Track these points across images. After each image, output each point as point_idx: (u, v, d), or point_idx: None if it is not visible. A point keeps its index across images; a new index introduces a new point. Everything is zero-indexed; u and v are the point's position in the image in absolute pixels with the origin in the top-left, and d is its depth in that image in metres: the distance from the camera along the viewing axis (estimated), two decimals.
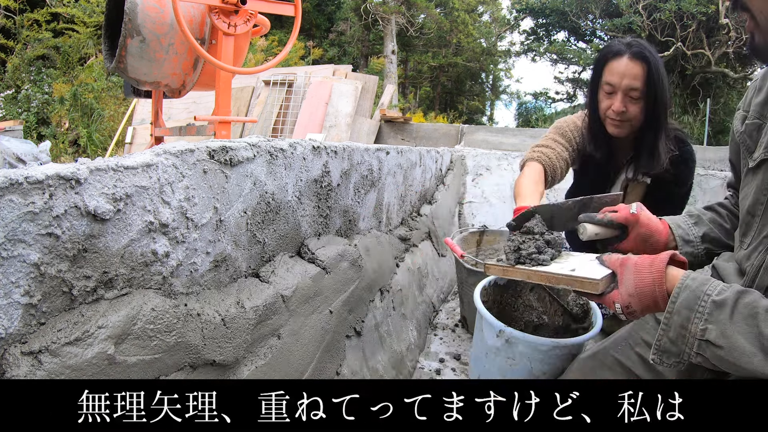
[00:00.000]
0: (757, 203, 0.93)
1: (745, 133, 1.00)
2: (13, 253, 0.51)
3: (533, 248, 1.12)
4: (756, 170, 0.95)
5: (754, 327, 0.75)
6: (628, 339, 1.16)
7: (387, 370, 1.44)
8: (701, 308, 0.80)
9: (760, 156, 0.93)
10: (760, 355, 0.73)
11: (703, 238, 1.17)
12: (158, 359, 0.67)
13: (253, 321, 0.85)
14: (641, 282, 0.89)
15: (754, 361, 0.73)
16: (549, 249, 1.13)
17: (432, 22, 18.44)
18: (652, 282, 0.88)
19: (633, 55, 1.50)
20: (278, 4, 2.74)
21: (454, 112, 18.93)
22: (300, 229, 1.08)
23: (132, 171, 0.63)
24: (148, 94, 3.28)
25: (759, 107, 0.98)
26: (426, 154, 2.35)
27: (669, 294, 0.86)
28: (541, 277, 1.08)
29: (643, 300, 0.89)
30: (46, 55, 10.53)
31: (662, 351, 0.84)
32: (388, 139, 7.44)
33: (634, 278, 0.90)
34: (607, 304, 0.94)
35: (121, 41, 2.38)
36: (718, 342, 0.77)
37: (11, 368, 0.52)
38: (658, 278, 0.88)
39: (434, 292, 2.26)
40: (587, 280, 0.97)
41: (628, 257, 0.94)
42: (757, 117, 0.97)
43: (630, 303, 0.90)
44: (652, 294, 0.88)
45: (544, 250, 1.12)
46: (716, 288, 0.81)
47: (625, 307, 0.91)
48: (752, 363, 0.73)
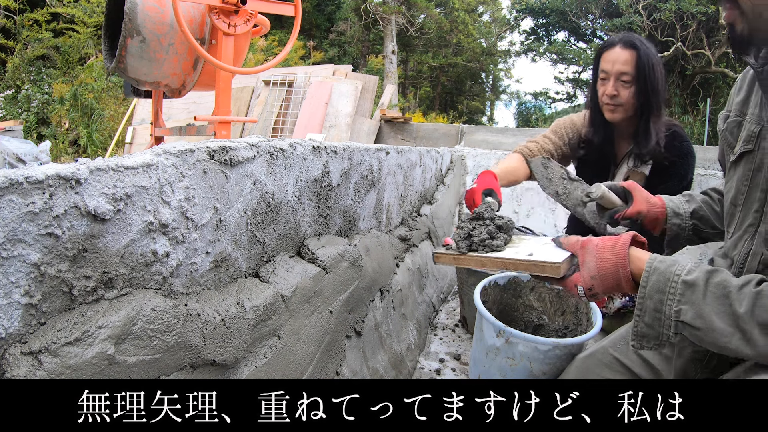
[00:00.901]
0: (738, 194, 0.96)
1: (727, 130, 1.03)
2: (13, 253, 0.51)
3: (485, 234, 1.10)
4: (737, 163, 0.98)
5: (728, 306, 0.76)
6: (626, 338, 1.16)
7: (387, 370, 1.44)
8: (673, 289, 0.81)
9: (740, 149, 0.96)
10: (738, 334, 0.74)
11: (692, 214, 1.21)
12: (158, 359, 0.67)
13: (253, 321, 0.85)
14: (604, 264, 0.90)
15: (733, 341, 0.75)
16: (501, 234, 1.10)
17: (432, 22, 18.43)
18: (615, 263, 0.89)
19: (624, 44, 1.64)
20: (278, 4, 2.74)
21: (454, 112, 18.93)
22: (300, 229, 1.08)
23: (132, 171, 0.63)
24: (148, 94, 3.28)
25: (739, 106, 1.01)
26: (426, 154, 2.35)
27: (632, 275, 0.87)
28: (496, 263, 1.05)
29: (605, 282, 0.89)
30: (46, 55, 10.53)
31: (641, 336, 0.85)
32: (388, 139, 7.45)
33: (596, 260, 0.90)
34: (569, 287, 0.95)
35: (121, 41, 2.38)
36: (694, 323, 0.78)
37: (11, 368, 0.52)
38: (621, 259, 0.88)
39: (434, 292, 2.26)
40: (548, 264, 0.95)
41: (588, 239, 0.94)
42: (738, 115, 1.01)
43: (593, 285, 0.90)
44: (615, 275, 0.88)
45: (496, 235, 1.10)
46: (685, 268, 0.82)
47: (588, 290, 0.91)
48: (731, 343, 0.75)
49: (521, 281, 1.67)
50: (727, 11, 0.87)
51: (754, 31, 0.84)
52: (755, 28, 0.84)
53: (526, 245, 1.10)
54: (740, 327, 0.74)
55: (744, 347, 0.74)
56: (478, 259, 1.07)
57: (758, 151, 0.93)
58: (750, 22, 0.84)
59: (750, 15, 0.83)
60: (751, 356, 0.75)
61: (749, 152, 0.95)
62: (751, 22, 0.84)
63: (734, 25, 0.87)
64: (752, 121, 0.96)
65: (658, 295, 0.82)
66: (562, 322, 1.60)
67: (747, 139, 0.95)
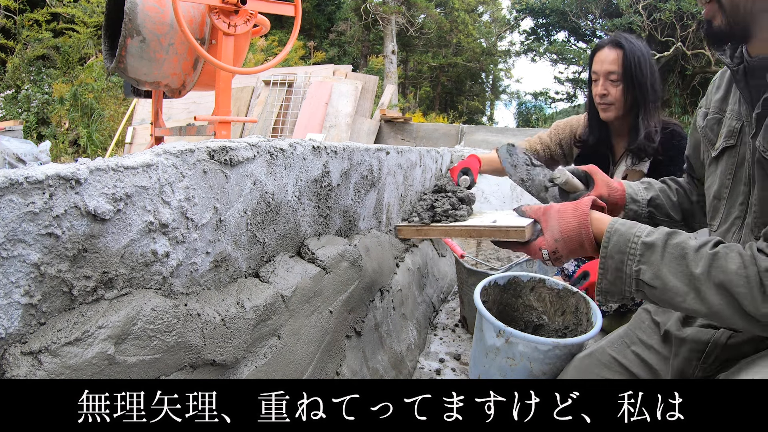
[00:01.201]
0: (722, 188, 0.98)
1: (707, 127, 1.06)
2: (13, 253, 0.51)
3: (448, 205, 1.14)
4: (718, 159, 1.00)
5: (685, 267, 0.79)
6: (624, 338, 1.18)
7: (387, 370, 1.44)
8: (632, 250, 0.84)
9: (721, 145, 0.99)
10: (693, 294, 0.78)
11: (649, 201, 1.25)
12: (158, 359, 0.67)
13: (253, 321, 0.85)
14: (567, 226, 0.93)
15: (688, 300, 0.78)
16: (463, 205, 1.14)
17: (432, 22, 18.43)
18: (578, 225, 0.92)
19: (611, 44, 1.70)
20: (278, 4, 2.74)
21: (454, 112, 18.92)
22: (300, 229, 1.08)
23: (132, 171, 0.63)
24: (148, 94, 3.28)
25: (718, 103, 1.04)
26: (426, 154, 2.35)
27: (595, 237, 0.90)
28: (461, 232, 1.07)
29: (569, 244, 0.92)
30: (46, 55, 10.53)
31: (604, 292, 0.88)
32: (388, 139, 7.45)
33: (559, 223, 0.93)
34: (533, 252, 0.97)
35: (121, 41, 2.38)
36: (652, 283, 0.81)
37: (11, 368, 0.52)
38: (584, 221, 0.91)
39: (434, 292, 2.26)
40: (512, 228, 0.98)
41: (549, 205, 0.98)
42: (717, 112, 1.04)
43: (557, 248, 0.93)
44: (578, 237, 0.91)
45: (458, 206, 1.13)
46: (645, 230, 0.85)
47: (552, 253, 0.94)
48: (686, 302, 0.78)
49: (521, 281, 1.67)
50: (706, 7, 0.89)
51: (732, 27, 0.87)
52: (733, 23, 0.86)
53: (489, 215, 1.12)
54: (695, 287, 0.77)
55: (698, 306, 0.78)
56: (441, 228, 1.09)
57: (740, 146, 0.95)
58: (728, 17, 0.86)
59: (728, 9, 0.85)
60: (704, 314, 0.78)
61: (731, 147, 0.97)
62: (730, 16, 0.86)
63: (712, 21, 0.89)
64: (733, 117, 0.98)
65: (619, 255, 0.85)
66: (562, 322, 1.60)
67: (728, 135, 0.98)
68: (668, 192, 1.27)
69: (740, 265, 0.75)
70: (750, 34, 0.87)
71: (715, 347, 0.96)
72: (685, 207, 1.26)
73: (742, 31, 0.86)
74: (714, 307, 0.76)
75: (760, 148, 0.86)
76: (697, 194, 1.25)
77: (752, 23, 0.85)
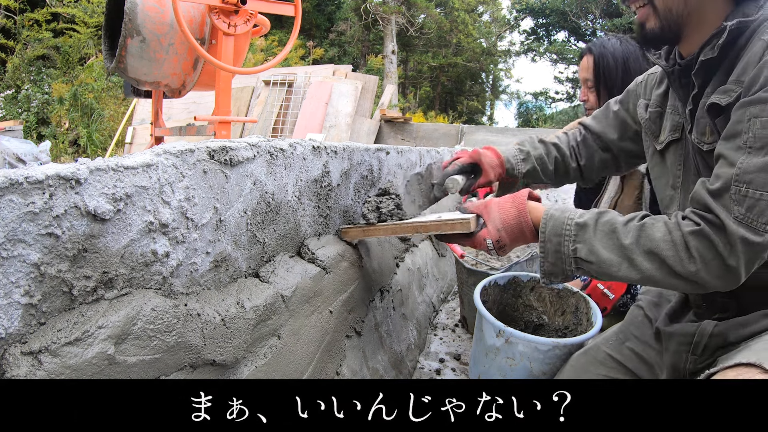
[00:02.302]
0: (675, 179, 1.04)
1: (650, 119, 1.11)
2: (13, 253, 0.51)
3: (392, 206, 1.19)
4: (665, 151, 1.06)
5: (615, 240, 0.86)
6: (618, 334, 1.20)
7: (387, 370, 1.44)
8: (567, 231, 0.91)
9: (667, 138, 1.05)
10: (626, 263, 0.85)
11: (525, 174, 1.35)
12: (158, 359, 0.67)
13: (253, 321, 0.85)
14: (507, 216, 1.00)
15: (622, 269, 0.86)
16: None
17: (432, 22, 18.44)
18: (518, 214, 1.00)
19: (587, 52, 1.77)
20: (278, 4, 2.74)
21: (454, 113, 18.93)
22: (300, 229, 1.08)
23: (132, 171, 0.63)
24: (148, 94, 3.28)
25: (659, 98, 1.10)
26: (426, 154, 2.35)
27: (534, 224, 0.98)
28: (407, 229, 1.10)
29: (510, 232, 1.00)
30: (46, 55, 10.53)
31: (548, 274, 0.96)
32: (388, 139, 7.45)
33: (500, 214, 1.01)
34: (478, 243, 1.03)
35: (121, 41, 2.38)
36: (588, 258, 0.89)
37: (11, 368, 0.52)
38: (522, 209, 0.99)
39: (434, 292, 2.26)
40: (458, 221, 1.03)
41: (490, 200, 1.05)
42: (659, 106, 1.10)
43: (500, 237, 1.01)
44: (518, 225, 0.99)
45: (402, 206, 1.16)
46: (577, 212, 0.93)
47: (496, 242, 1.01)
48: (621, 271, 0.86)
49: (521, 281, 1.67)
50: (639, 10, 0.93)
51: (664, 29, 0.91)
52: (666, 26, 0.91)
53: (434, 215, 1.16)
54: (627, 256, 0.85)
55: (632, 273, 0.85)
56: (388, 227, 1.13)
57: (684, 140, 1.01)
58: (662, 20, 0.91)
59: (662, 12, 0.90)
60: (638, 280, 0.85)
61: (677, 141, 1.03)
62: (663, 19, 0.90)
63: (645, 24, 0.93)
64: (675, 113, 1.04)
65: (557, 238, 0.92)
66: (562, 322, 1.60)
67: (673, 129, 1.03)
68: (545, 160, 1.35)
69: (665, 232, 0.83)
70: (682, 36, 0.92)
71: (702, 337, 0.98)
72: (561, 172, 1.37)
73: (674, 33, 0.92)
74: (646, 272, 0.84)
75: (695, 140, 0.93)
76: (586, 158, 1.34)
77: (684, 25, 0.90)
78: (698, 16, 0.89)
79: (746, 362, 0.74)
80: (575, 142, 1.37)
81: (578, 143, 1.36)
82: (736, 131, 0.79)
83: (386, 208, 1.17)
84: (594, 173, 1.37)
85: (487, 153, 1.32)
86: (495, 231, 1.01)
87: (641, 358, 1.11)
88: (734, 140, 0.79)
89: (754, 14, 0.84)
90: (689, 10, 0.88)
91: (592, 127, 1.33)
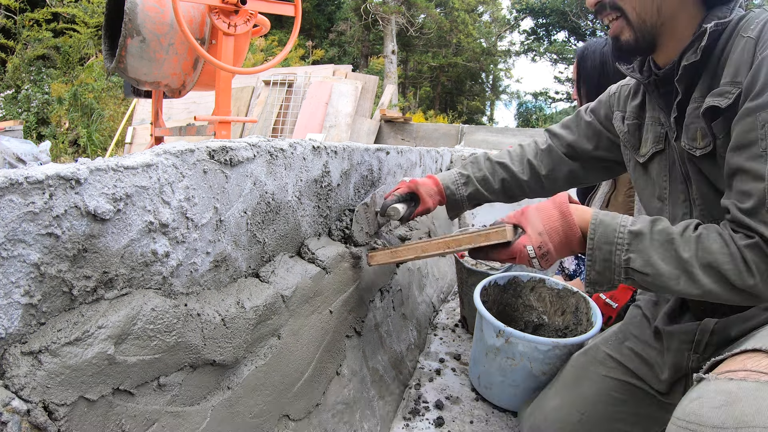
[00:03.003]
0: (661, 190, 1.02)
1: (629, 132, 1.10)
2: (13, 253, 0.51)
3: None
4: (648, 164, 1.05)
5: (673, 252, 0.82)
6: (617, 334, 1.20)
7: (387, 370, 1.44)
8: (620, 239, 0.86)
9: (650, 151, 1.03)
10: (684, 276, 0.81)
11: (469, 197, 1.35)
12: (158, 359, 0.67)
13: (253, 321, 0.85)
14: (549, 218, 0.93)
15: (681, 283, 0.81)
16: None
17: (432, 22, 18.44)
18: (561, 215, 0.92)
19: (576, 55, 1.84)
20: (278, 4, 2.74)
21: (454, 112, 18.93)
22: (300, 229, 1.08)
23: (132, 171, 0.63)
24: (148, 94, 3.28)
25: (636, 110, 1.09)
26: (426, 154, 2.35)
27: (580, 228, 0.91)
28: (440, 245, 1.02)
29: (553, 236, 0.92)
30: (46, 55, 10.53)
31: (593, 283, 0.90)
32: (388, 139, 7.45)
33: (541, 217, 0.94)
34: (518, 252, 0.94)
35: (121, 41, 2.38)
36: (644, 270, 0.84)
37: (11, 368, 0.52)
38: (566, 210, 0.92)
39: (434, 292, 2.26)
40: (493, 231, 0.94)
41: (525, 206, 0.98)
42: (636, 118, 1.09)
43: (542, 242, 0.92)
44: (562, 228, 0.91)
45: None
46: (628, 219, 0.88)
47: (538, 248, 0.92)
48: (679, 285, 0.81)
49: (521, 281, 1.67)
50: (613, 24, 0.93)
51: (638, 41, 0.91)
52: (640, 37, 0.91)
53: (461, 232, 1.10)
54: (686, 270, 0.80)
55: (691, 288, 0.80)
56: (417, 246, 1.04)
57: (668, 150, 1.00)
58: (636, 31, 0.91)
59: (635, 24, 0.90)
60: (698, 295, 0.81)
61: (661, 152, 1.01)
62: (637, 31, 0.91)
63: (619, 37, 0.93)
64: (656, 123, 1.02)
65: (607, 246, 0.87)
66: (562, 322, 1.60)
67: (656, 141, 1.02)
68: (490, 181, 1.35)
69: (722, 244, 0.79)
70: (657, 45, 0.92)
71: (704, 335, 0.98)
72: (511, 190, 1.35)
73: (649, 43, 0.92)
74: (706, 287, 0.79)
75: (687, 147, 0.91)
76: (548, 169, 1.31)
77: (658, 35, 0.91)
78: (672, 25, 0.89)
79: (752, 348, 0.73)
80: (533, 154, 1.34)
81: (538, 153, 1.33)
82: (749, 140, 0.77)
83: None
84: (560, 184, 1.33)
85: (426, 182, 1.33)
86: (536, 235, 0.92)
87: (641, 358, 1.11)
88: (749, 150, 0.77)
89: (728, 16, 0.85)
90: (663, 20, 0.89)
91: (562, 135, 1.30)
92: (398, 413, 1.39)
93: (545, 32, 18.46)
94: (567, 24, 16.25)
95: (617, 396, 1.10)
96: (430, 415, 1.39)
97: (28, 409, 0.52)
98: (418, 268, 2.06)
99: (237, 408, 0.83)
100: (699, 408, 0.64)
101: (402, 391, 1.49)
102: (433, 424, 1.35)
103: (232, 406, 0.82)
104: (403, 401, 1.46)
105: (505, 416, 1.43)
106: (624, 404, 1.10)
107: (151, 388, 0.68)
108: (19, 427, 0.51)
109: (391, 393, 1.41)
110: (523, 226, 0.95)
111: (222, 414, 0.80)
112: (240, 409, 0.84)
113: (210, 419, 0.77)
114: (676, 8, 0.88)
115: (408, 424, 1.35)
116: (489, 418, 1.41)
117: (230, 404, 0.82)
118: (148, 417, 0.67)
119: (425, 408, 1.42)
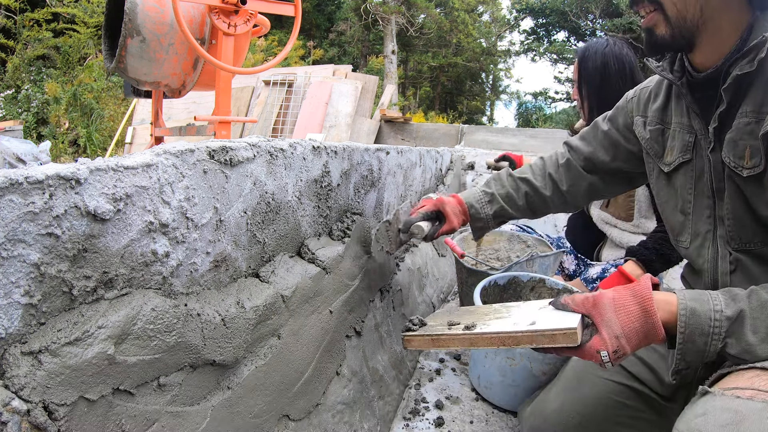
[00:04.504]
0: (685, 203, 0.96)
1: (651, 138, 1.03)
2: (13, 253, 0.51)
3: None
4: (673, 174, 0.98)
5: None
6: None
7: (387, 370, 1.44)
8: (716, 329, 0.75)
9: (677, 160, 0.96)
10: None
11: (494, 215, 1.33)
12: (158, 359, 0.67)
13: (253, 321, 0.85)
14: (628, 318, 0.79)
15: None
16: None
17: (432, 22, 18.45)
18: (643, 314, 0.79)
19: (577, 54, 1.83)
20: (278, 4, 2.74)
21: (454, 112, 18.94)
22: (300, 229, 1.08)
23: (132, 171, 0.63)
24: (148, 94, 3.28)
25: (658, 113, 1.02)
26: (426, 154, 2.35)
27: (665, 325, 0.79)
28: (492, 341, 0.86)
29: (633, 339, 0.79)
30: (46, 55, 10.53)
31: (680, 371, 0.80)
32: (388, 139, 7.45)
33: (618, 315, 0.80)
34: (588, 355, 0.81)
35: (121, 41, 2.38)
36: (743, 356, 0.74)
37: (11, 368, 0.52)
38: (650, 308, 0.78)
39: (434, 292, 2.26)
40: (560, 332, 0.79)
41: (600, 294, 0.84)
42: (659, 123, 1.02)
43: (619, 346, 0.78)
44: (644, 329, 0.78)
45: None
46: (719, 299, 0.77)
47: (614, 353, 0.79)
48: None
49: (521, 281, 1.67)
50: (648, 14, 0.87)
51: (675, 37, 0.85)
52: (678, 33, 0.85)
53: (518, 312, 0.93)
54: None
55: None
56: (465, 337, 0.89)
57: (696, 159, 0.92)
58: (673, 27, 0.84)
59: (674, 19, 0.84)
60: None
61: (687, 162, 0.94)
62: (675, 26, 0.84)
63: (654, 30, 0.87)
64: (683, 130, 0.95)
65: (702, 338, 0.76)
66: None
67: (683, 149, 0.95)
68: (514, 198, 1.33)
69: None
70: (694, 44, 0.86)
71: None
72: (535, 206, 1.33)
73: (686, 40, 0.85)
74: None
75: (730, 163, 0.83)
76: (568, 184, 1.28)
77: (697, 33, 0.84)
78: (713, 25, 0.82)
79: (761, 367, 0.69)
80: (554, 168, 1.31)
81: (559, 167, 1.30)
82: None
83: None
84: (580, 199, 1.30)
85: (450, 200, 1.31)
86: (613, 339, 0.78)
87: (643, 362, 1.10)
88: None
89: None
90: (705, 19, 0.82)
91: (579, 148, 1.26)
92: (398, 413, 1.39)
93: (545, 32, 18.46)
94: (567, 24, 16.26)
95: (618, 399, 1.10)
96: (430, 415, 1.39)
97: (28, 409, 0.52)
98: (418, 269, 2.06)
99: (237, 408, 0.83)
100: (704, 425, 0.63)
101: (402, 391, 1.49)
102: (433, 424, 1.35)
103: (232, 406, 0.82)
104: (403, 401, 1.46)
105: (505, 416, 1.43)
106: (624, 408, 1.09)
107: (151, 388, 0.68)
108: (19, 427, 0.51)
109: (391, 393, 1.41)
110: (596, 323, 0.81)
111: (222, 414, 0.80)
112: (240, 409, 0.84)
113: (210, 419, 0.77)
114: (721, 7, 0.81)
115: (408, 424, 1.35)
116: (489, 418, 1.41)
117: (230, 404, 0.82)
118: (148, 417, 0.67)
119: (425, 408, 1.43)
